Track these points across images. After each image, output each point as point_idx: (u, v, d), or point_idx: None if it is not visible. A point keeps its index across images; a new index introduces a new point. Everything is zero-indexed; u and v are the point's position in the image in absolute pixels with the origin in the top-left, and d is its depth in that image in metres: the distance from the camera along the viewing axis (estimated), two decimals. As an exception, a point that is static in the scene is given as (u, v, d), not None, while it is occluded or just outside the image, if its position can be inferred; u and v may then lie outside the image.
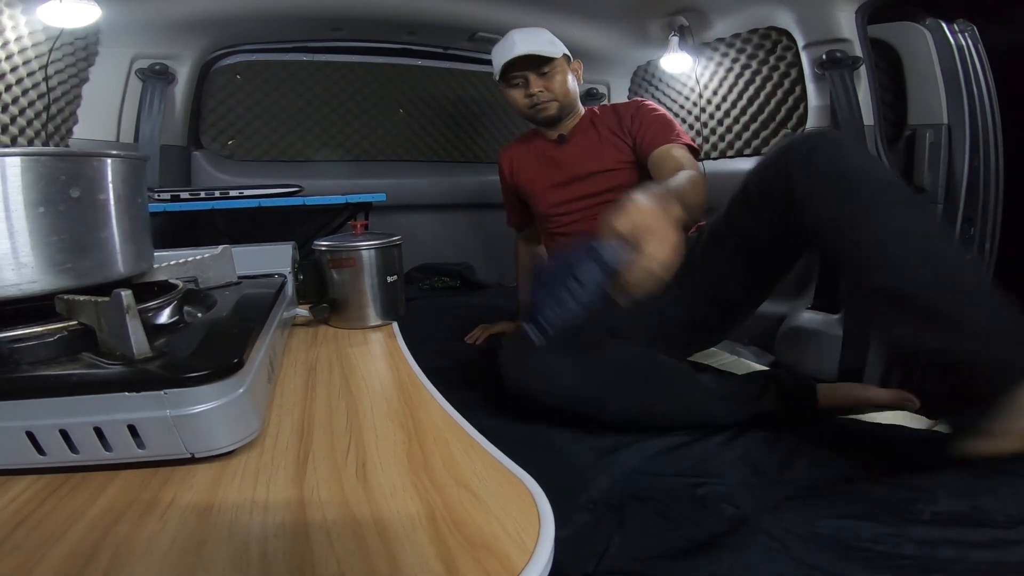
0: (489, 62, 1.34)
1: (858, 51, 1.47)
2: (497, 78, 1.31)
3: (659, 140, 1.20)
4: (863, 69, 1.48)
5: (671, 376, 0.98)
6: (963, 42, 1.45)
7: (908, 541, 0.59)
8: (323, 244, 0.95)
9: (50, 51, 1.42)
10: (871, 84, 1.48)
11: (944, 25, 1.45)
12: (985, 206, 1.47)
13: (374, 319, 0.94)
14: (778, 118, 1.77)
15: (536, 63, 1.25)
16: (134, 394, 0.43)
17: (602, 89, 2.43)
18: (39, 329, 0.48)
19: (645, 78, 2.28)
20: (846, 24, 1.48)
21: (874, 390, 1.00)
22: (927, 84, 1.47)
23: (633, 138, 1.27)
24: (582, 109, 1.39)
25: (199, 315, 0.62)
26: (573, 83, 1.32)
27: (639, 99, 1.35)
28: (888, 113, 1.55)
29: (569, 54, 1.31)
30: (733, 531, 0.64)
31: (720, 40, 1.89)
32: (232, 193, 1.65)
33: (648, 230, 0.68)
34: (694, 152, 1.20)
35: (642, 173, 1.26)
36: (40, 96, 1.43)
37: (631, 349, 1.00)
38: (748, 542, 0.60)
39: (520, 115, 1.36)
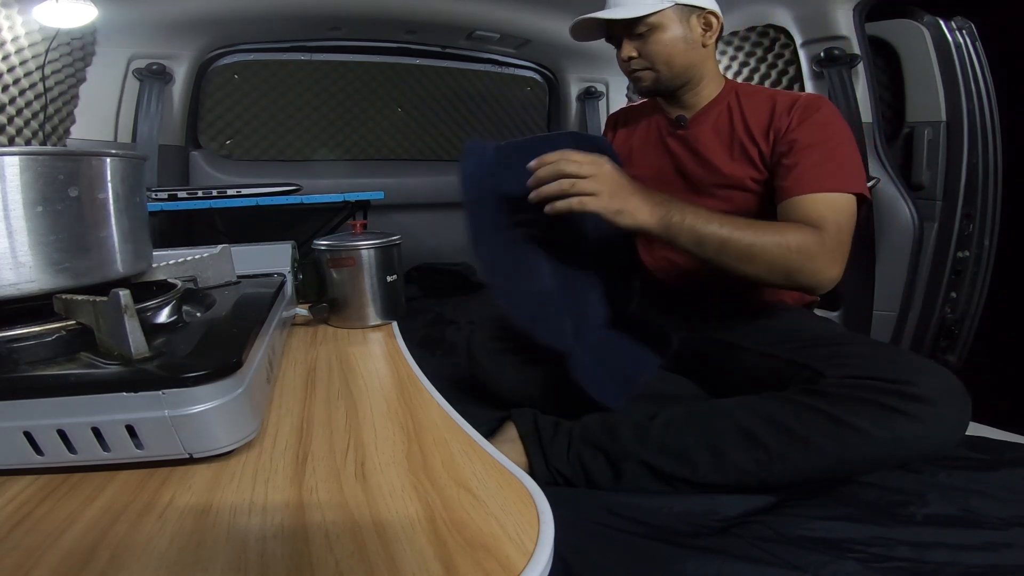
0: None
1: (856, 49, 1.47)
2: None
3: (802, 184, 0.85)
4: (861, 67, 1.48)
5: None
6: (961, 39, 1.44)
7: (901, 543, 0.59)
8: (322, 243, 0.95)
9: (47, 51, 1.41)
10: (869, 82, 1.48)
11: (942, 22, 1.45)
12: (984, 202, 1.47)
13: (374, 319, 0.94)
14: (777, 116, 1.77)
15: (626, 22, 0.93)
16: (132, 394, 0.43)
17: (600, 87, 2.43)
18: (37, 329, 0.48)
19: (644, 76, 2.28)
20: (844, 22, 1.48)
21: None
22: (925, 81, 1.47)
23: (776, 161, 0.91)
24: (719, 83, 1.01)
25: (198, 315, 0.62)
26: (689, 45, 0.95)
27: (814, 98, 0.92)
28: (886, 111, 1.55)
29: (693, 2, 0.93)
30: (722, 533, 0.63)
31: (718, 38, 1.88)
32: (230, 192, 1.65)
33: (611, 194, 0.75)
34: (860, 200, 0.85)
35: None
36: (37, 96, 1.43)
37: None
38: (737, 544, 0.60)
39: None
